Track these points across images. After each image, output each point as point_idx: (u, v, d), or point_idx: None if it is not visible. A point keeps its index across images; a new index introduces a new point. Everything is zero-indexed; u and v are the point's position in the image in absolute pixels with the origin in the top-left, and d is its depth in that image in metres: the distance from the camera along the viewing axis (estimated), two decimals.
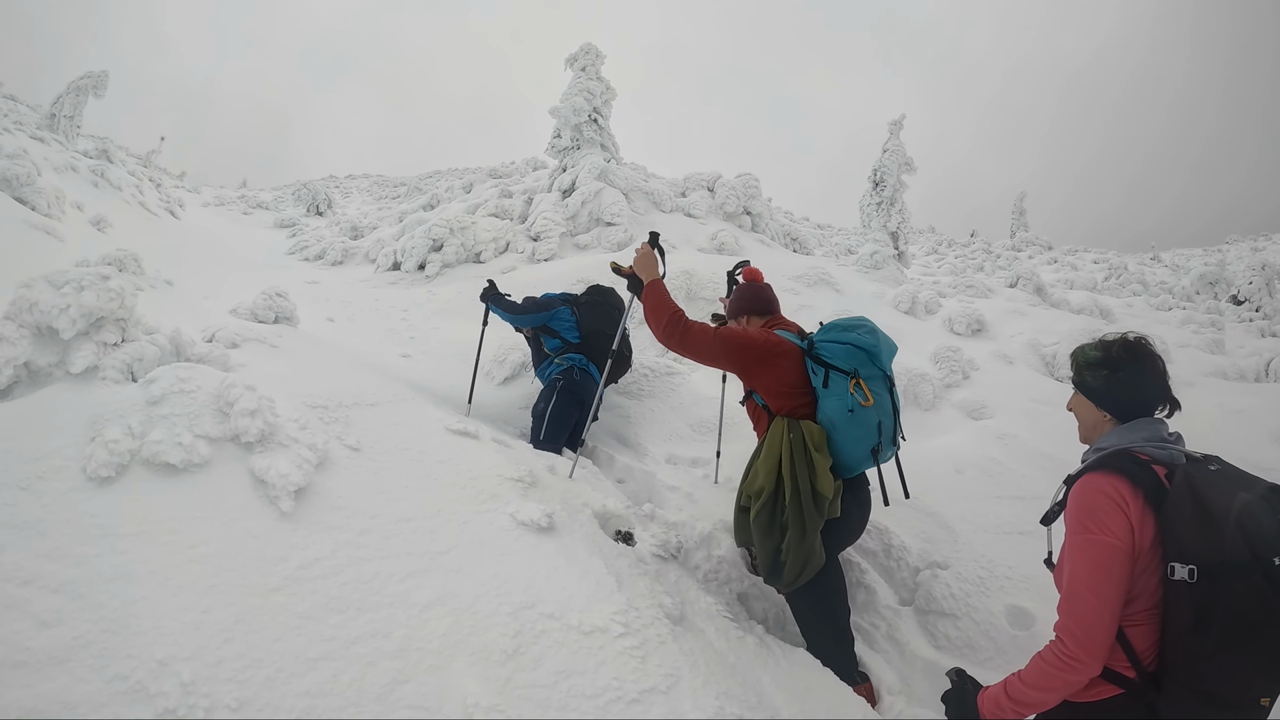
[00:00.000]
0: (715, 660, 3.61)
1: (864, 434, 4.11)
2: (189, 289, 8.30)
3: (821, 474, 4.01)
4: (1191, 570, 2.47)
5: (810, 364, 4.25)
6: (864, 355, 4.24)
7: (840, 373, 4.17)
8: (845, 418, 4.08)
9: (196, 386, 3.66)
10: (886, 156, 19.18)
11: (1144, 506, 2.64)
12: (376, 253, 19.14)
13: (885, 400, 4.24)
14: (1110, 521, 2.65)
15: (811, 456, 4.03)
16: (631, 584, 3.75)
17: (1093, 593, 2.64)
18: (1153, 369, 2.92)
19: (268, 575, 3.05)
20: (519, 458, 4.76)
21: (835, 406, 4.11)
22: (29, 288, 3.78)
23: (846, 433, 4.10)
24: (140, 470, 3.27)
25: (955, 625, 4.56)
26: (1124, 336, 3.01)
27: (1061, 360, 9.72)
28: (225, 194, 42.44)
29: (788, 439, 4.11)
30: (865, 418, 4.11)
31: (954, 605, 4.62)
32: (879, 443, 4.15)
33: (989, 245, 49.41)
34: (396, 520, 3.59)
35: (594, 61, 19.09)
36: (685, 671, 3.30)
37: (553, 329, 7.08)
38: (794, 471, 4.04)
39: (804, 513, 4.02)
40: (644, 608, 3.56)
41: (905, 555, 5.02)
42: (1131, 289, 28.85)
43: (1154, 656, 2.66)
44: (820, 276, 11.83)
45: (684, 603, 3.97)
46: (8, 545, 2.83)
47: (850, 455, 4.15)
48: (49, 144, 22.06)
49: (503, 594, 3.33)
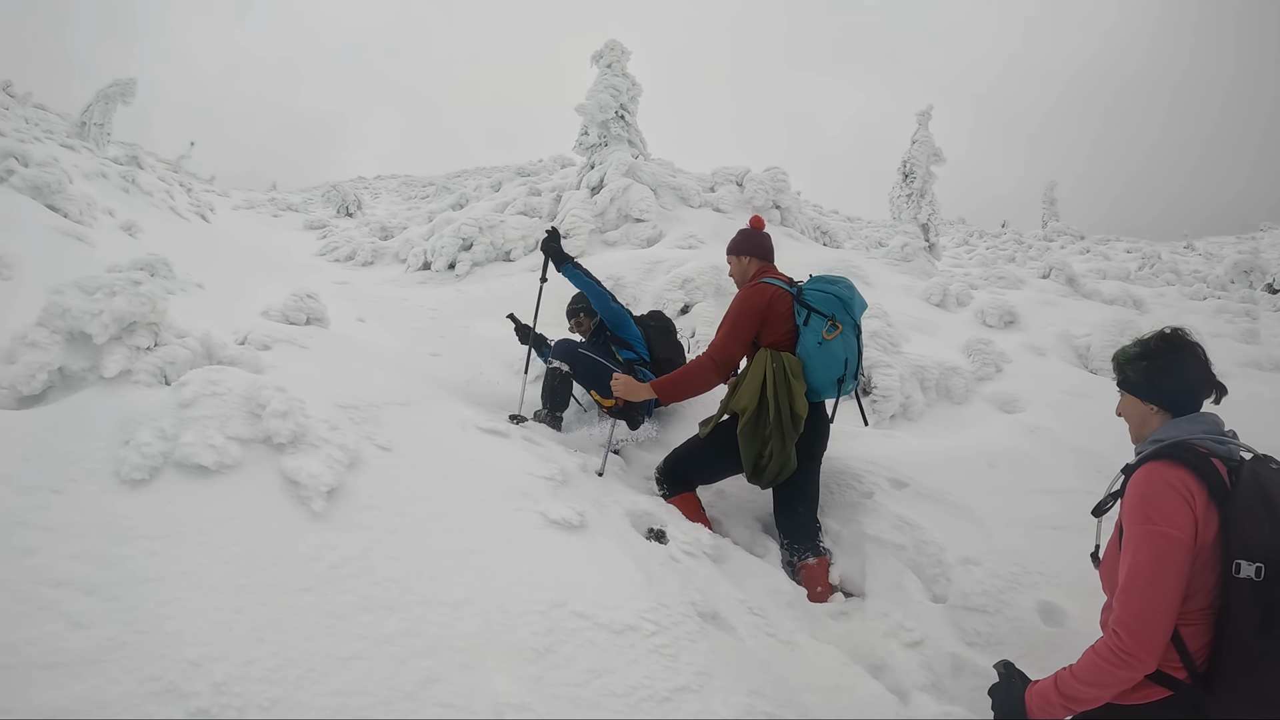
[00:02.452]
0: (746, 657, 3.59)
1: (832, 365, 4.97)
2: (220, 292, 8.35)
3: (798, 397, 4.83)
4: (1259, 569, 2.41)
5: (796, 306, 5.10)
6: (840, 304, 5.10)
7: (819, 315, 5.03)
8: (816, 349, 4.94)
9: (228, 389, 3.68)
10: (915, 148, 19.02)
11: (1208, 500, 2.57)
12: (406, 253, 19.19)
13: (853, 343, 5.14)
14: (1174, 513, 2.58)
15: (790, 383, 4.84)
16: (662, 582, 3.74)
17: (1153, 586, 2.57)
18: (1192, 356, 2.87)
19: (299, 575, 3.06)
20: (549, 455, 4.76)
21: (810, 340, 4.98)
22: (60, 294, 3.80)
23: (818, 363, 4.94)
24: (172, 472, 3.29)
25: (986, 621, 4.48)
26: (1160, 330, 2.98)
27: (1095, 351, 9.62)
28: (255, 197, 42.67)
29: (770, 368, 4.87)
30: (833, 350, 4.97)
31: (985, 601, 4.55)
32: (844, 375, 5.03)
33: (1020, 236, 48.98)
34: (427, 519, 3.59)
35: (619, 58, 19.03)
36: (716, 669, 3.28)
37: (625, 339, 6.79)
38: (776, 394, 4.82)
39: (783, 428, 4.83)
40: (675, 605, 3.54)
41: (936, 550, 4.96)
42: (1165, 278, 28.46)
43: (1206, 657, 2.60)
44: (850, 270, 11.76)
45: (715, 600, 3.94)
46: (40, 547, 2.85)
47: (820, 381, 4.98)
48: (79, 151, 22.24)
49: (533, 592, 3.32)
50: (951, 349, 9.07)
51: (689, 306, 10.26)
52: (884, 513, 5.21)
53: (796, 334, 5.05)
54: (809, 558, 4.93)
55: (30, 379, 3.66)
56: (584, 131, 19.11)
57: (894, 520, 5.15)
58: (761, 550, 5.15)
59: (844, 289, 5.18)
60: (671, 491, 5.31)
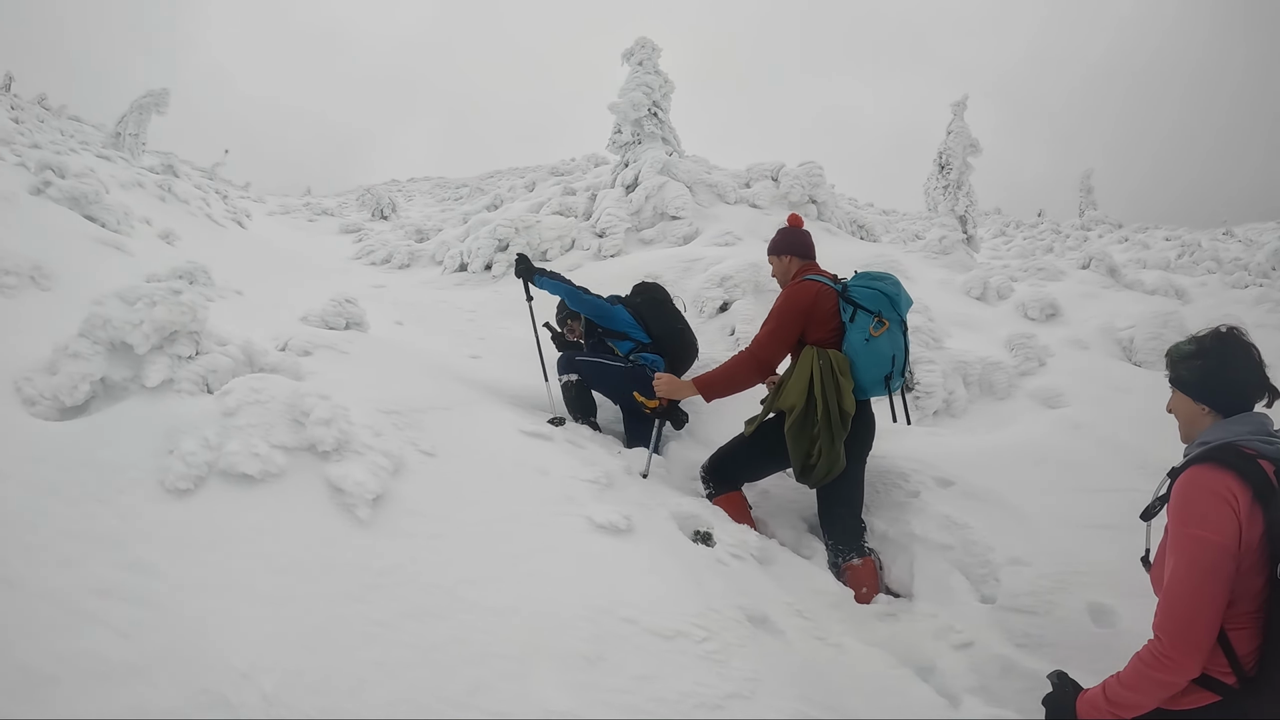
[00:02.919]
0: (795, 661, 3.56)
1: (879, 362, 4.89)
2: (259, 298, 8.38)
3: (846, 395, 4.74)
4: None
5: (842, 303, 4.99)
6: (886, 300, 5.00)
7: (866, 311, 4.93)
8: (863, 346, 4.85)
9: (270, 396, 3.67)
10: (950, 139, 18.79)
11: (1252, 503, 2.50)
12: (442, 255, 19.18)
13: (899, 339, 5.05)
14: (1217, 518, 2.52)
15: (838, 381, 4.75)
16: (710, 585, 3.69)
17: (1194, 592, 2.52)
18: (1246, 357, 2.79)
19: (346, 584, 3.04)
20: (593, 458, 4.74)
21: (857, 337, 4.88)
22: (101, 304, 3.81)
23: (865, 360, 4.85)
24: (217, 482, 3.28)
25: (1035, 622, 4.39)
26: (1215, 328, 2.91)
27: (1138, 344, 9.48)
28: (290, 202, 42.98)
29: (817, 365, 4.78)
30: (880, 348, 4.89)
31: (1034, 602, 4.45)
32: (891, 371, 4.96)
33: (1058, 226, 48.47)
34: (473, 524, 3.57)
35: (650, 55, 18.93)
36: (765, 674, 3.24)
37: (617, 330, 6.64)
38: (824, 392, 4.72)
39: (832, 426, 4.73)
40: (723, 609, 3.50)
41: (983, 550, 4.88)
42: (1205, 266, 28.01)
43: (1255, 662, 2.54)
44: (888, 264, 11.65)
45: (762, 603, 3.88)
46: (86, 557, 2.84)
47: (867, 378, 4.89)
48: (115, 161, 22.46)
49: (581, 598, 3.29)
50: (993, 343, 8.97)
51: (728, 304, 10.17)
52: (931, 512, 5.13)
53: (842, 331, 4.95)
54: (854, 558, 4.86)
55: (73, 390, 3.66)
56: (617, 130, 19.04)
57: (941, 520, 5.07)
58: (808, 551, 5.09)
59: (890, 285, 5.10)
60: (717, 491, 5.23)
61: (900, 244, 23.85)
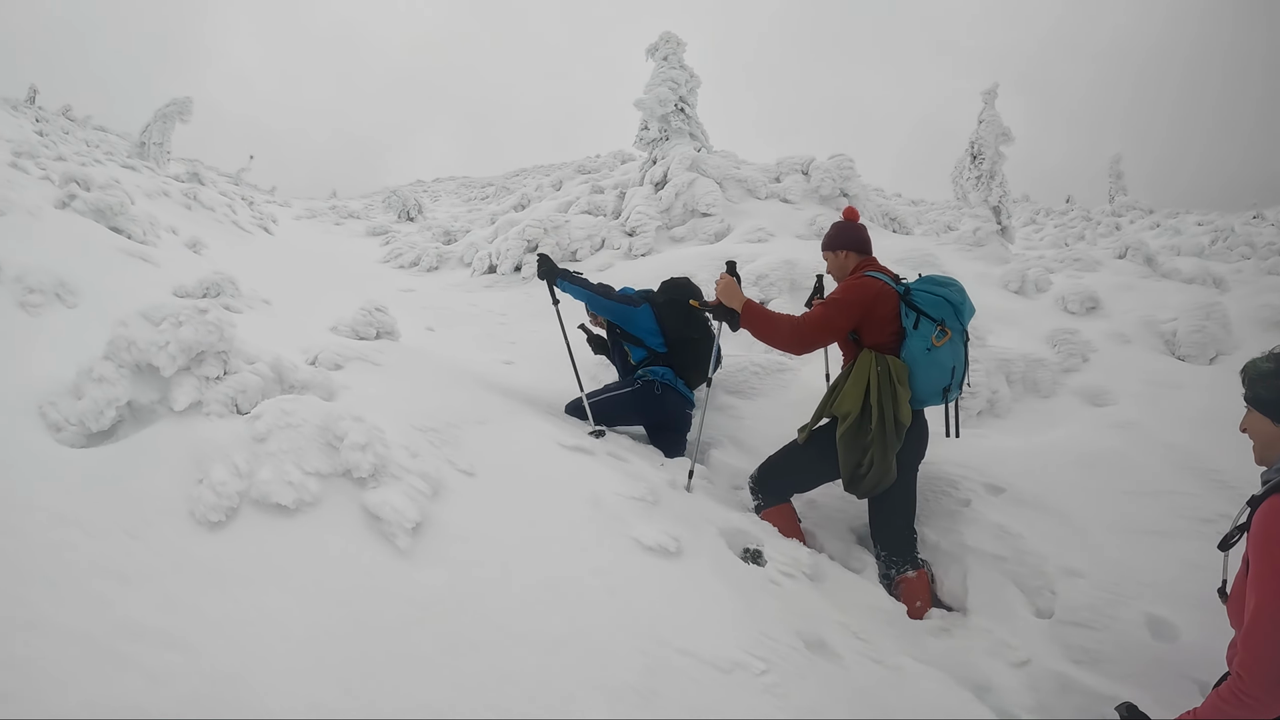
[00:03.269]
0: (853, 687, 3.44)
1: (939, 373, 4.71)
2: (287, 307, 8.28)
3: (903, 405, 4.58)
4: None
5: (904, 307, 4.76)
6: (951, 309, 4.79)
7: (929, 319, 4.72)
8: (924, 355, 4.67)
9: (302, 419, 3.54)
10: (982, 128, 18.45)
11: None
12: (471, 256, 19.08)
13: (960, 350, 4.85)
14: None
15: (896, 389, 4.57)
16: (764, 609, 3.55)
17: (1278, 629, 2.39)
18: None
19: (387, 618, 2.89)
20: (638, 473, 4.58)
21: (918, 345, 4.68)
22: (126, 325, 3.70)
23: (925, 370, 4.68)
24: (250, 511, 3.15)
25: (1093, 637, 4.25)
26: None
27: (1181, 337, 9.24)
28: (316, 205, 43.11)
29: (875, 371, 4.61)
30: (941, 359, 4.70)
31: (1091, 616, 4.32)
32: (950, 383, 4.77)
33: (1088, 212, 48.04)
34: (517, 549, 3.42)
35: (675, 50, 18.77)
36: (826, 704, 3.12)
37: (635, 335, 6.40)
38: (880, 400, 4.56)
39: (886, 436, 4.56)
40: (779, 636, 3.36)
41: (1037, 561, 4.74)
42: (1240, 252, 27.64)
43: None
44: (924, 259, 11.47)
45: (817, 625, 3.74)
46: (118, 598, 2.71)
47: (925, 389, 4.73)
48: (140, 171, 22.62)
49: (632, 628, 3.14)
50: (1035, 339, 8.77)
51: (764, 303, 10.01)
52: (983, 522, 5.01)
53: (901, 337, 4.75)
54: (908, 571, 4.72)
55: (99, 415, 3.55)
56: (644, 126, 18.88)
57: (993, 530, 4.96)
58: (858, 564, 4.94)
59: (955, 292, 4.89)
60: (766, 502, 5.04)
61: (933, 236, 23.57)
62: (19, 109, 35.74)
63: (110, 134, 40.50)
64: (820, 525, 5.27)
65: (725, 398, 6.99)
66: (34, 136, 24.18)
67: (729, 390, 7.05)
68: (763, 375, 7.11)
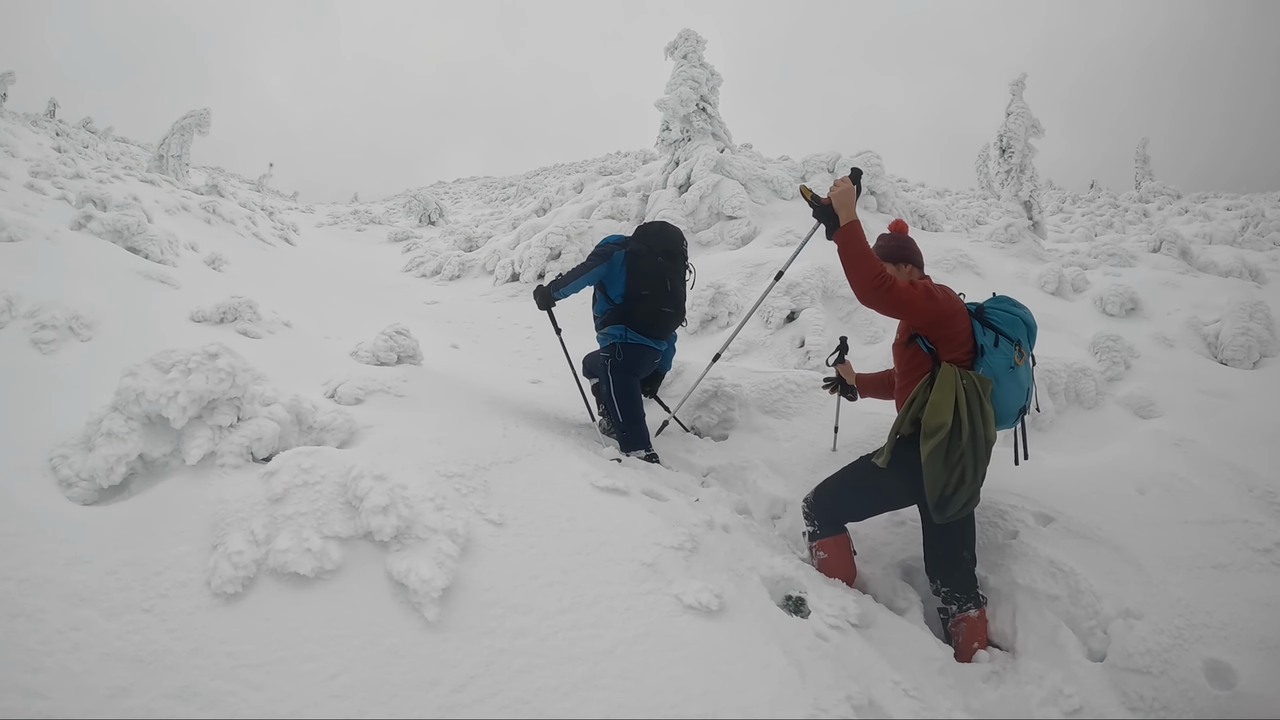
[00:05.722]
0: None
1: (1019, 393, 4.61)
2: (308, 328, 8.14)
3: (990, 420, 4.36)
4: None
5: (978, 326, 4.63)
6: (1026, 330, 4.73)
7: (1006, 339, 4.60)
8: (1007, 373, 4.53)
9: (321, 477, 3.35)
10: (1011, 120, 18.12)
11: None
12: (494, 264, 18.99)
13: (1031, 373, 4.78)
14: None
15: (984, 404, 4.35)
16: (815, 675, 3.30)
17: None
18: None
19: (418, 705, 2.68)
20: (676, 517, 4.35)
21: (1000, 362, 4.53)
22: (134, 375, 3.53)
23: (1008, 388, 4.55)
24: (268, 582, 2.96)
25: (1151, 684, 4.00)
26: None
27: (1225, 340, 8.98)
28: (339, 210, 43.29)
29: (962, 385, 4.36)
30: (1021, 378, 4.61)
31: (1149, 661, 4.06)
32: (1025, 405, 4.71)
33: (1115, 199, 47.59)
34: (553, 614, 3.20)
35: (695, 48, 18.59)
36: None
37: (605, 286, 6.32)
38: (971, 415, 4.33)
39: (977, 454, 4.36)
40: (832, 706, 3.12)
41: (1092, 600, 4.49)
42: (1271, 238, 27.26)
43: None
44: (959, 259, 11.25)
45: (870, 685, 3.51)
46: (134, 685, 2.53)
47: (1005, 408, 4.59)
48: (159, 185, 22.63)
49: (679, 706, 2.90)
50: (1077, 346, 8.53)
51: (795, 313, 9.76)
52: (1034, 557, 4.76)
53: (975, 355, 4.57)
54: (970, 609, 4.53)
55: (109, 472, 3.40)
56: (665, 127, 18.71)
57: (1045, 566, 4.71)
58: (904, 603, 4.70)
59: (1028, 314, 4.82)
60: (822, 530, 4.80)
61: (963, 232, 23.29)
62: (39, 123, 35.95)
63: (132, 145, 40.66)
64: (864, 559, 5.01)
65: (761, 418, 6.76)
66: (52, 154, 24.23)
67: (765, 410, 6.82)
68: (798, 393, 6.87)
